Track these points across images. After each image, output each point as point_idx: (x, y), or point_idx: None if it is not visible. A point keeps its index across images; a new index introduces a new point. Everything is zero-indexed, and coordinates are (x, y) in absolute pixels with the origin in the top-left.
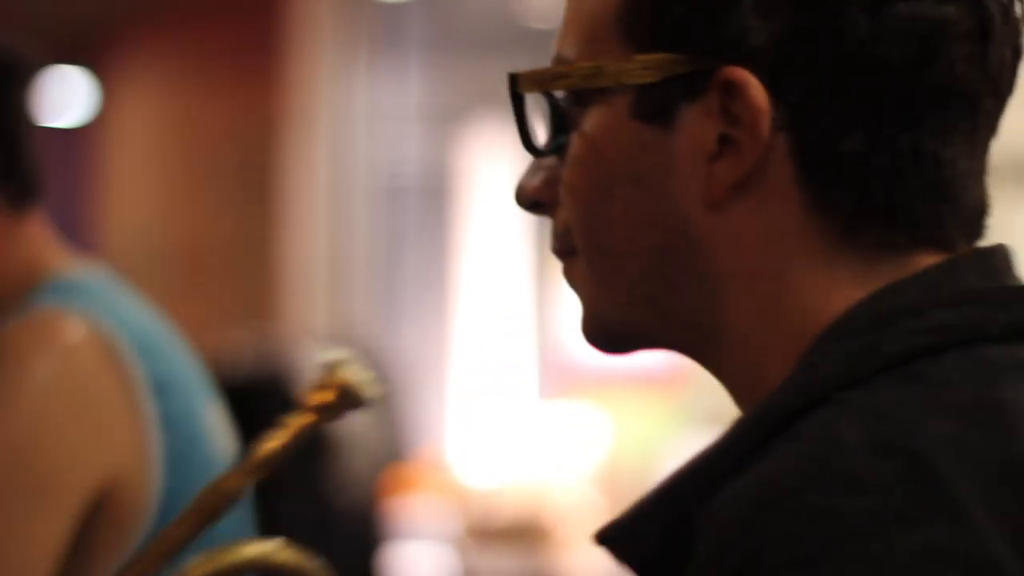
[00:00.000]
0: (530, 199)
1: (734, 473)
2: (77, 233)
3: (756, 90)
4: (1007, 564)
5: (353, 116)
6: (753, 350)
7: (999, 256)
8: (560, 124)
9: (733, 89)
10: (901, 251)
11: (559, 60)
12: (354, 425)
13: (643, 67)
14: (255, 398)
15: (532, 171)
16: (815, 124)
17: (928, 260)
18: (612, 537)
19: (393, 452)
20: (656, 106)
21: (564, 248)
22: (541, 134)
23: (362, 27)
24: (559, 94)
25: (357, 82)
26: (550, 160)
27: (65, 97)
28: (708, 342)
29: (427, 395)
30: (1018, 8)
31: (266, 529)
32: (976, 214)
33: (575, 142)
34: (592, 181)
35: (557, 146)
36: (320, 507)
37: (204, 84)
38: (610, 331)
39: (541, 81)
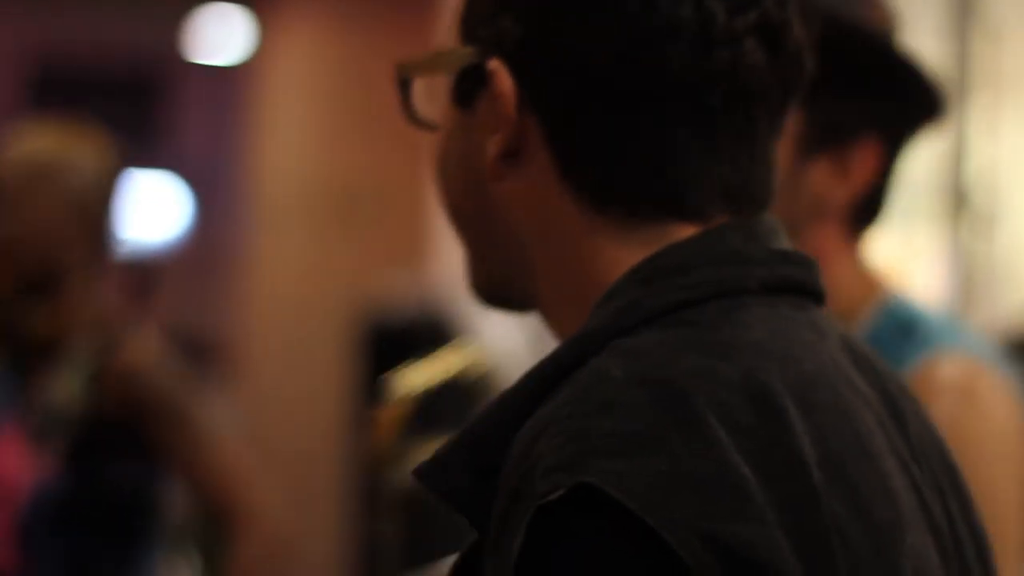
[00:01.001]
0: None
1: (525, 417)
2: (232, 172)
3: (501, 77)
4: (745, 481)
5: None
6: (558, 309)
7: (763, 224)
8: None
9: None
10: (654, 221)
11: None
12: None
13: (453, 58)
14: (414, 340)
15: None
16: (554, 109)
17: (684, 230)
18: (426, 474)
19: None
20: (463, 92)
21: None
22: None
23: None
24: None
25: None
26: None
27: (223, 35)
28: (536, 301)
29: None
30: (761, 8)
31: None
32: (735, 192)
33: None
34: (436, 158)
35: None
36: None
37: (364, 23)
38: (481, 289)
39: (409, 68)
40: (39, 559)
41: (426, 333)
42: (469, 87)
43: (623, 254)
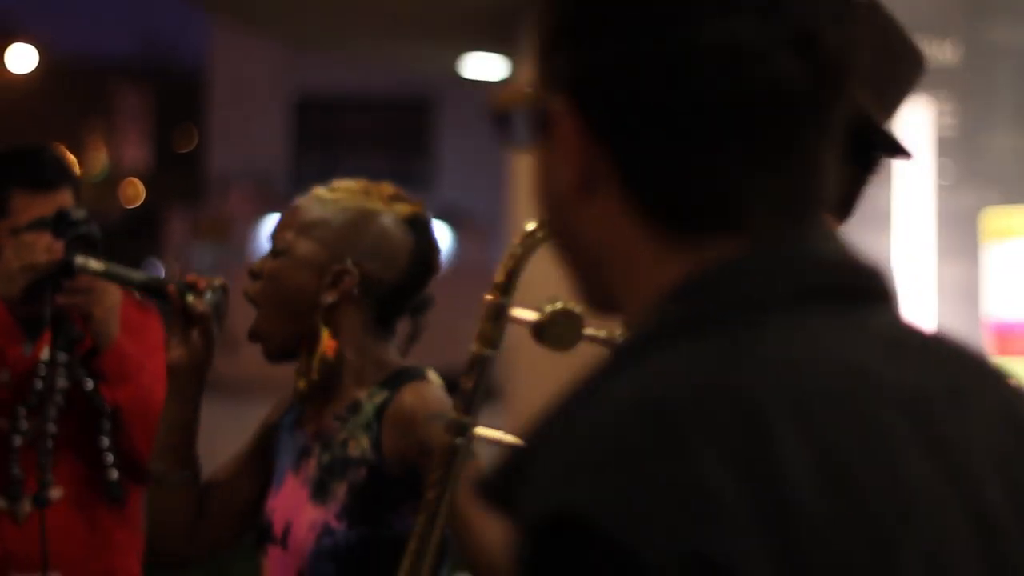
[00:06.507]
0: None
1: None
2: (490, 200)
3: (563, 115)
4: (725, 495)
5: None
6: (631, 315)
7: (812, 230)
8: None
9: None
10: (707, 235)
11: None
12: None
13: (526, 96)
14: None
15: None
16: (615, 138)
17: (732, 242)
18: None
19: None
20: (538, 128)
21: None
22: None
23: None
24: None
25: None
26: None
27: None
28: (624, 314)
29: None
30: (791, 22)
31: None
32: (785, 201)
33: None
34: (535, 187)
35: None
36: None
37: None
38: (589, 303)
39: (503, 103)
40: None
41: None
42: (542, 124)
43: (679, 268)
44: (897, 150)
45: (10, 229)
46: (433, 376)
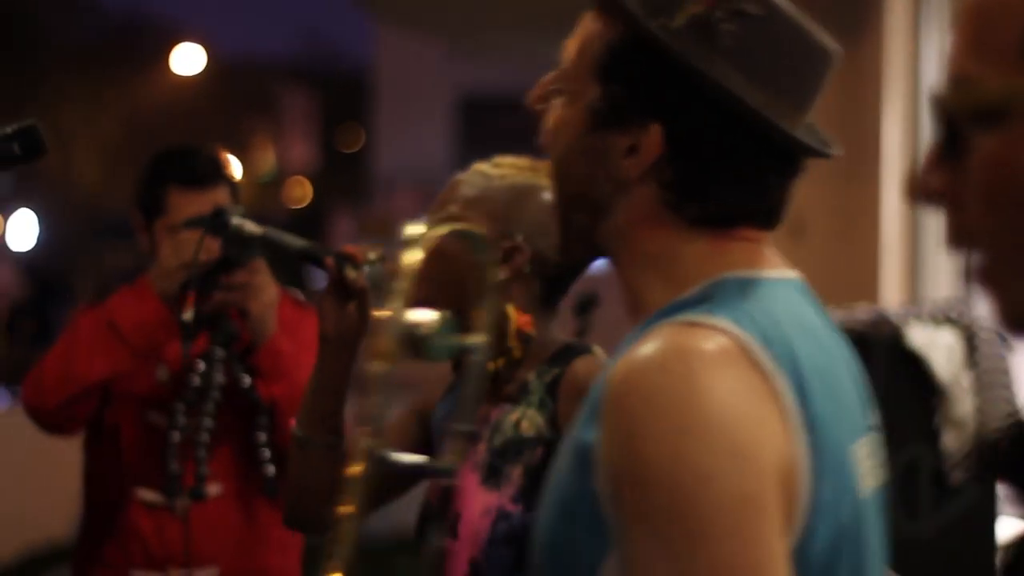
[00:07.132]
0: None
1: None
2: None
3: None
4: None
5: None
6: None
7: None
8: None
9: None
10: None
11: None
12: (963, 396)
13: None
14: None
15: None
16: None
17: None
18: None
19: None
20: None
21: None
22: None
23: None
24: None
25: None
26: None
27: None
28: None
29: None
30: None
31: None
32: None
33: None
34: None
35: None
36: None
37: None
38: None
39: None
40: None
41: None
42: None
43: None
44: (810, 151)
45: (167, 227)
46: (599, 351)
